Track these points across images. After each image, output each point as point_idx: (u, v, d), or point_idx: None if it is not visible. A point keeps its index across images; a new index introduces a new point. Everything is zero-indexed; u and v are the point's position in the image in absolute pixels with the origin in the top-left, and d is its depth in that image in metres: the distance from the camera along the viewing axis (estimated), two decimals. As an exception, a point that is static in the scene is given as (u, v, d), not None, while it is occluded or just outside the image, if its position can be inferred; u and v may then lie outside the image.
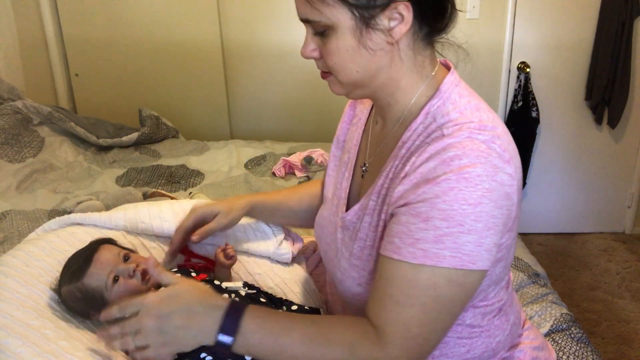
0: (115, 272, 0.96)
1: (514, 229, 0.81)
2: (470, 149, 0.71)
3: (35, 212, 1.76)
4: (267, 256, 1.20)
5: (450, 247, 0.71)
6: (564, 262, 2.80)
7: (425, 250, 0.71)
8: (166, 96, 2.87)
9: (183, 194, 1.97)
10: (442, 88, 0.80)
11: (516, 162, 0.76)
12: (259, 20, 2.73)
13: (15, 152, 2.12)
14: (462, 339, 0.85)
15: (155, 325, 0.76)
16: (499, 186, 0.71)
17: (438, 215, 0.71)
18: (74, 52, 2.81)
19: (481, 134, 0.73)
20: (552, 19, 2.68)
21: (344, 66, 0.78)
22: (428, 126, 0.78)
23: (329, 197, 1.00)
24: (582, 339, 1.22)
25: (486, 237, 0.72)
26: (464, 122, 0.75)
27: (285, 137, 2.77)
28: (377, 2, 0.73)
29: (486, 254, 0.72)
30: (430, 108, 0.80)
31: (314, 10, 0.75)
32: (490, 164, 0.71)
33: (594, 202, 3.01)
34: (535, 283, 1.43)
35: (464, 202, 0.70)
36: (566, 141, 2.90)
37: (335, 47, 0.77)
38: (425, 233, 0.71)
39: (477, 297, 0.83)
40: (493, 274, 0.82)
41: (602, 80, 2.67)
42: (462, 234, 0.70)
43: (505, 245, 0.80)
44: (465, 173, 0.70)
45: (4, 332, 0.82)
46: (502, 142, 0.74)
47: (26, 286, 0.92)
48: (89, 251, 0.98)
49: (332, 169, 1.02)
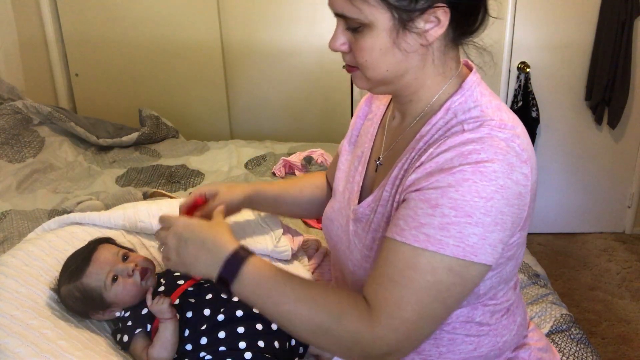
0: (114, 271, 0.96)
1: (525, 228, 0.81)
2: (490, 145, 0.72)
3: (35, 212, 1.76)
4: (266, 254, 1.20)
5: (454, 236, 0.71)
6: (564, 262, 2.80)
7: (428, 235, 0.72)
8: (166, 96, 2.87)
9: (183, 194, 1.97)
10: (465, 86, 0.81)
11: (532, 163, 0.76)
12: (259, 20, 2.73)
13: (15, 152, 2.12)
14: (470, 337, 0.85)
15: (175, 245, 0.84)
16: (514, 184, 0.72)
17: (447, 204, 0.71)
18: (74, 52, 2.81)
19: (501, 132, 0.74)
20: (552, 19, 2.68)
21: (375, 65, 0.78)
22: (449, 121, 0.79)
23: (340, 190, 0.99)
24: (582, 340, 1.22)
25: (492, 232, 0.72)
26: (485, 120, 0.76)
27: (285, 137, 2.77)
28: (417, 6, 0.73)
29: (490, 248, 0.72)
30: (452, 104, 0.80)
31: (352, 7, 0.74)
32: (508, 161, 0.72)
33: (594, 202, 3.01)
34: (536, 284, 1.43)
35: (476, 195, 0.70)
36: (566, 141, 2.89)
37: (369, 45, 0.76)
38: (432, 219, 0.72)
39: (486, 294, 0.83)
40: (504, 272, 0.82)
41: (602, 80, 2.67)
42: (469, 225, 0.70)
43: (516, 243, 0.80)
44: (482, 167, 0.71)
45: (3, 331, 0.82)
46: (522, 142, 0.75)
47: (25, 286, 0.92)
48: (87, 251, 0.98)
49: (344, 163, 1.02)
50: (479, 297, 0.83)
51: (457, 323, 0.84)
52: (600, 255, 2.84)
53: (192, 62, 2.80)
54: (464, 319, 0.84)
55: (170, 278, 1.03)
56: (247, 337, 0.95)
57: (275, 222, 1.25)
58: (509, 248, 0.79)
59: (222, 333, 0.94)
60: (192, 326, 0.95)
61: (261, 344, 0.95)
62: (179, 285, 1.00)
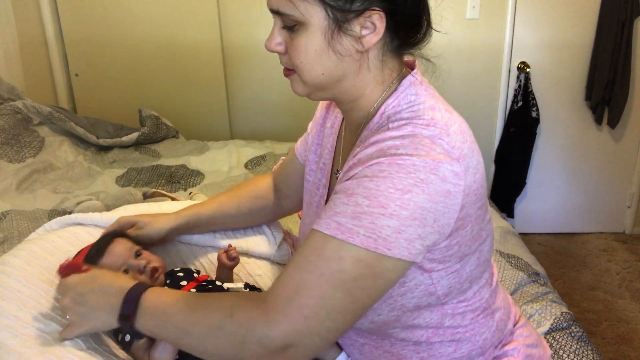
0: (126, 265, 0.96)
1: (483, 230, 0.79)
2: (411, 142, 0.71)
3: (35, 212, 1.76)
4: (267, 257, 1.20)
5: (366, 226, 0.68)
6: (564, 262, 2.80)
7: (340, 224, 0.70)
8: (166, 96, 2.87)
9: (183, 194, 1.97)
10: (400, 88, 0.80)
11: (470, 163, 0.73)
12: (259, 20, 2.73)
13: (15, 152, 2.12)
14: (446, 341, 0.84)
15: (72, 303, 0.82)
16: (439, 181, 0.69)
17: (362, 193, 0.70)
18: (74, 52, 2.81)
19: (427, 129, 0.72)
20: (552, 19, 2.69)
21: (310, 66, 0.77)
22: (382, 125, 0.78)
23: (309, 203, 0.99)
24: (582, 338, 1.22)
25: (409, 227, 0.69)
26: (413, 119, 0.75)
27: (285, 137, 2.77)
28: (352, 7, 0.72)
29: (405, 243, 0.69)
30: (386, 108, 0.79)
31: (287, 3, 0.73)
32: (431, 156, 0.70)
33: (594, 202, 3.01)
34: (535, 282, 1.43)
35: (391, 186, 0.68)
36: (566, 141, 2.90)
37: (303, 44, 0.75)
38: (346, 207, 0.70)
39: (449, 295, 0.81)
40: (463, 271, 0.80)
41: (602, 80, 2.67)
42: (383, 216, 0.68)
43: (457, 243, 0.76)
44: (399, 159, 0.69)
45: (7, 331, 0.82)
46: (452, 140, 0.72)
47: (28, 285, 0.92)
48: (103, 242, 0.98)
49: (310, 174, 1.01)
50: (439, 298, 0.80)
51: (429, 330, 0.83)
52: (600, 255, 2.84)
53: (192, 62, 2.80)
54: (435, 324, 0.83)
55: (174, 278, 1.03)
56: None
57: (276, 226, 1.25)
58: (448, 248, 0.75)
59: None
60: None
61: None
62: (182, 286, 1.00)
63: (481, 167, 0.77)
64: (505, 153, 2.89)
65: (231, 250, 1.08)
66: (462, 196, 0.72)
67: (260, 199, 1.17)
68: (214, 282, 1.02)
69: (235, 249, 1.08)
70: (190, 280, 1.02)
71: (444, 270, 0.78)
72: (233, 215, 1.16)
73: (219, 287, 0.99)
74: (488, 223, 0.84)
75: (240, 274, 1.15)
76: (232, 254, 1.07)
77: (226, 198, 1.17)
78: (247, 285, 1.04)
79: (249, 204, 1.16)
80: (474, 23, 2.71)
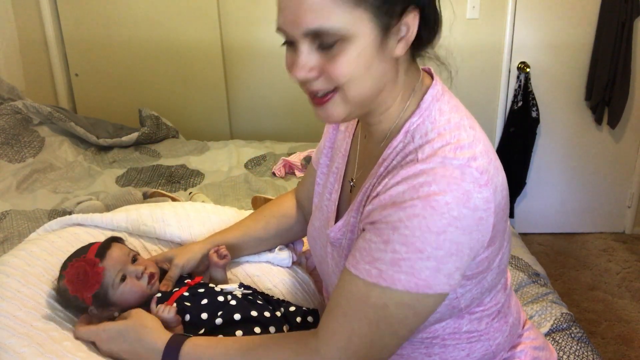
0: (124, 271, 0.96)
1: (495, 243, 0.79)
2: (442, 176, 0.68)
3: (35, 212, 1.76)
4: (267, 261, 1.19)
5: (406, 272, 0.69)
6: (564, 262, 2.80)
7: (381, 271, 0.71)
8: (166, 96, 2.87)
9: (183, 194, 1.97)
10: (423, 105, 0.77)
11: (497, 183, 0.73)
12: (259, 20, 2.73)
13: (15, 152, 2.12)
14: (460, 344, 0.84)
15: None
16: (470, 212, 0.69)
17: (398, 239, 0.69)
18: (74, 52, 2.81)
19: (456, 159, 0.70)
20: (552, 19, 2.68)
21: (359, 81, 0.71)
22: (406, 145, 0.76)
23: (318, 206, 0.97)
24: (583, 339, 1.22)
25: (447, 263, 0.70)
26: (440, 147, 0.72)
27: (285, 137, 2.77)
28: (396, 8, 0.69)
29: (445, 278, 0.70)
30: (410, 126, 0.77)
31: (330, 18, 0.66)
32: (462, 190, 0.68)
33: (594, 202, 3.01)
34: (536, 283, 1.43)
35: (426, 230, 0.68)
36: (566, 141, 2.90)
37: (352, 59, 0.69)
38: (384, 254, 0.70)
39: (470, 306, 0.82)
40: (484, 282, 0.81)
41: (602, 80, 2.67)
42: (421, 260, 0.69)
43: (487, 258, 0.77)
44: (433, 201, 0.67)
45: (7, 332, 0.82)
46: (480, 164, 0.71)
47: (28, 286, 0.92)
48: (102, 247, 0.98)
49: (321, 177, 1.00)
50: (461, 310, 0.81)
51: (445, 335, 0.83)
52: (600, 255, 2.84)
53: (192, 62, 2.80)
54: (451, 330, 0.83)
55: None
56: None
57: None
58: (477, 265, 0.77)
59: (221, 337, 0.94)
60: (190, 330, 0.94)
61: None
62: (175, 291, 0.99)
63: (505, 181, 0.77)
64: (505, 153, 2.89)
65: (221, 248, 1.08)
66: (494, 217, 0.72)
67: (286, 217, 1.15)
68: (207, 285, 1.02)
69: (224, 247, 1.08)
70: (183, 284, 1.02)
71: (469, 285, 0.79)
72: (262, 239, 1.15)
73: (212, 290, 0.99)
74: (507, 229, 0.83)
75: (238, 275, 1.15)
76: (222, 252, 1.07)
77: (252, 221, 1.15)
78: (242, 285, 1.03)
79: (276, 224, 1.15)
80: (474, 23, 2.71)
